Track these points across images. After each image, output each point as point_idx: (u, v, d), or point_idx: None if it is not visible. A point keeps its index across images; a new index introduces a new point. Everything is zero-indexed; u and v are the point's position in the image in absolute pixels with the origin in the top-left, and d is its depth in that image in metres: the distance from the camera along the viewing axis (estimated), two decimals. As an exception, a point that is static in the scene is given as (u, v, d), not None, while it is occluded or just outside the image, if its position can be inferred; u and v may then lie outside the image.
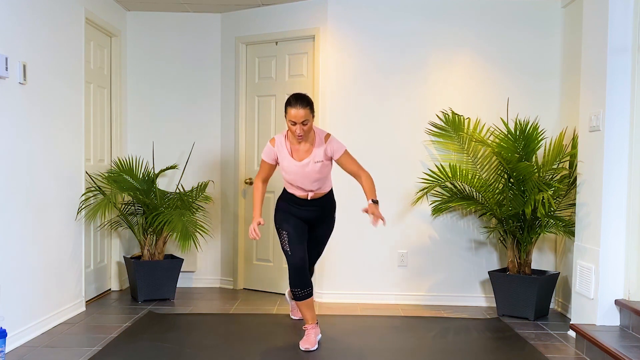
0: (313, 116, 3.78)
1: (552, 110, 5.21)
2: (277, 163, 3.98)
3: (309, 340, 3.89)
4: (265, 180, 4.05)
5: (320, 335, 4.05)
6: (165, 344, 3.91)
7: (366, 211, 3.72)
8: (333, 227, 4.20)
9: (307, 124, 3.73)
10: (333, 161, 3.96)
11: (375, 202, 3.74)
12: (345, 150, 3.89)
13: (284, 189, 4.08)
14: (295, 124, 3.72)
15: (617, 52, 3.95)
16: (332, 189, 4.13)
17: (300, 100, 3.72)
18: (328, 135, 3.90)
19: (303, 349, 3.85)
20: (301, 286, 3.88)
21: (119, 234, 5.65)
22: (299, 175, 3.88)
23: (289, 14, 5.43)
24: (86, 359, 3.61)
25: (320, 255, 4.28)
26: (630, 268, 3.99)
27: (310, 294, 3.92)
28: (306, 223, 4.05)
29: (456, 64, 5.24)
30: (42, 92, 4.18)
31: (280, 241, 3.97)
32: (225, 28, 5.81)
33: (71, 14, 4.63)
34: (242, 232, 5.78)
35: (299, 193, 3.98)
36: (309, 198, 3.98)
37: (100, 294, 5.39)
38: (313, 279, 4.76)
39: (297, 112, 3.69)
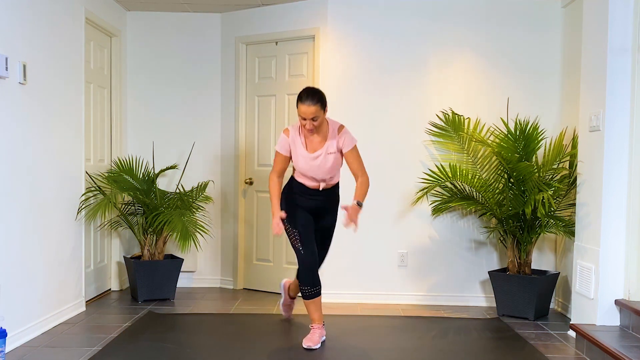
0: (325, 111, 3.79)
1: (552, 110, 5.21)
2: (291, 155, 3.97)
3: (312, 339, 3.91)
4: (281, 175, 4.01)
5: (324, 337, 4.06)
6: (165, 344, 3.91)
7: (346, 209, 3.69)
8: (336, 220, 4.17)
9: (317, 120, 3.75)
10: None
11: (360, 205, 3.76)
12: (355, 146, 3.88)
13: (292, 178, 4.06)
14: (305, 119, 3.74)
15: (617, 52, 3.95)
16: (339, 182, 4.13)
17: (311, 96, 3.71)
18: (342, 127, 3.90)
19: (305, 347, 3.87)
20: (311, 284, 3.90)
21: (119, 234, 5.65)
22: (311, 166, 3.88)
23: (289, 14, 5.43)
24: (86, 359, 3.61)
25: (326, 253, 4.23)
26: (630, 268, 3.99)
27: (318, 293, 3.94)
28: (312, 214, 4.04)
29: (456, 63, 5.24)
30: (42, 92, 4.18)
31: (290, 239, 3.96)
32: (225, 28, 5.81)
33: (71, 14, 4.63)
34: (242, 232, 5.79)
35: (310, 183, 3.97)
36: (320, 189, 3.97)
37: (100, 294, 5.39)
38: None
39: (307, 109, 3.70)
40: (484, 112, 5.22)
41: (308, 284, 3.90)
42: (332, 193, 4.08)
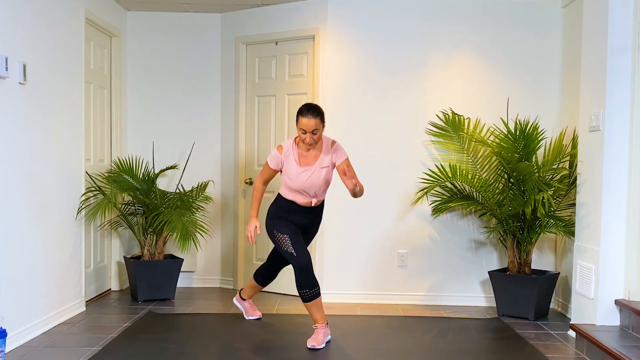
0: (323, 126, 3.95)
1: (552, 110, 5.21)
2: (280, 170, 4.10)
3: (317, 339, 3.91)
4: (266, 183, 4.23)
5: (329, 337, 4.06)
6: (165, 344, 3.91)
7: (344, 173, 3.84)
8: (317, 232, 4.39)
9: (317, 133, 3.90)
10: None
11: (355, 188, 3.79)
12: (347, 158, 4.04)
13: (280, 196, 4.11)
14: (305, 132, 3.87)
15: (617, 52, 3.95)
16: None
17: (312, 110, 3.88)
18: (334, 142, 4.06)
19: (309, 346, 3.87)
20: (309, 286, 3.91)
21: (119, 234, 5.65)
22: (305, 181, 3.97)
23: (289, 14, 5.43)
24: (86, 359, 3.61)
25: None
26: (630, 268, 3.99)
27: (318, 294, 3.95)
28: (299, 228, 4.13)
29: (456, 63, 5.24)
30: (42, 92, 4.18)
31: (281, 245, 3.99)
32: (225, 28, 5.81)
33: (71, 14, 4.63)
34: (242, 232, 5.79)
35: (301, 200, 4.06)
36: (312, 205, 4.06)
37: (100, 294, 5.39)
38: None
39: (308, 122, 3.85)
40: (484, 112, 5.22)
41: (307, 286, 3.90)
42: (321, 209, 4.21)
